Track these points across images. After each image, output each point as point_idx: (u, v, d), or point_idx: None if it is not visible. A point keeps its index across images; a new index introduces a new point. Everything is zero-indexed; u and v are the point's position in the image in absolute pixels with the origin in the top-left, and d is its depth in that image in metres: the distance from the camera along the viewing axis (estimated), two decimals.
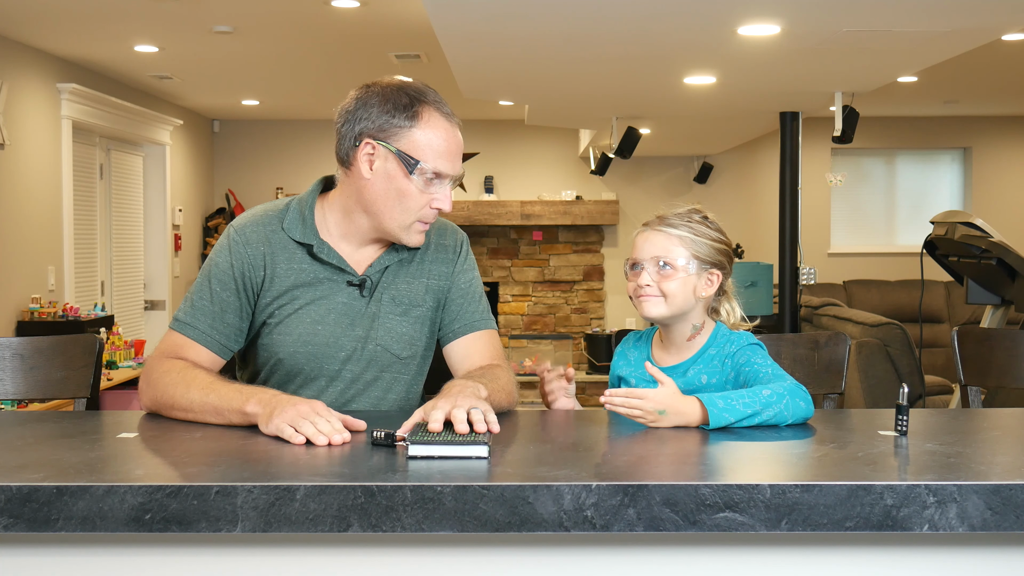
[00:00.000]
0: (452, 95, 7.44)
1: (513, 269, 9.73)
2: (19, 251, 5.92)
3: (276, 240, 1.95)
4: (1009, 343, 2.33)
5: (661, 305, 1.85)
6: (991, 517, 1.24)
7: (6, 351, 2.21)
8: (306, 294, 1.94)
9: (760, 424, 1.63)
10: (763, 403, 1.64)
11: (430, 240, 2.03)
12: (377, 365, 1.97)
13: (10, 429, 1.69)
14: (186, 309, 1.94)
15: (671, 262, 1.85)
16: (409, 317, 1.98)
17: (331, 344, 1.94)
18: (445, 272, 2.03)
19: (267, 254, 1.94)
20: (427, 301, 2.00)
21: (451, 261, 2.04)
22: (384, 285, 1.97)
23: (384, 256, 1.97)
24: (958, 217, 4.72)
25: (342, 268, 1.95)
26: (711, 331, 1.90)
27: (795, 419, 1.66)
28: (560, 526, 1.24)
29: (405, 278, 1.99)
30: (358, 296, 1.95)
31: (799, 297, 5.80)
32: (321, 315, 1.93)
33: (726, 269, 1.90)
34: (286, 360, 1.94)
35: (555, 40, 4.20)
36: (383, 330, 1.96)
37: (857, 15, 3.71)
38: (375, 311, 1.96)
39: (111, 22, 5.49)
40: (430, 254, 2.03)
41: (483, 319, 2.05)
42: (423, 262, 2.02)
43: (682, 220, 1.87)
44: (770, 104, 5.93)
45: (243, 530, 1.24)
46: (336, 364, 1.95)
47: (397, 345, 1.97)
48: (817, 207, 9.30)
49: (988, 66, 6.71)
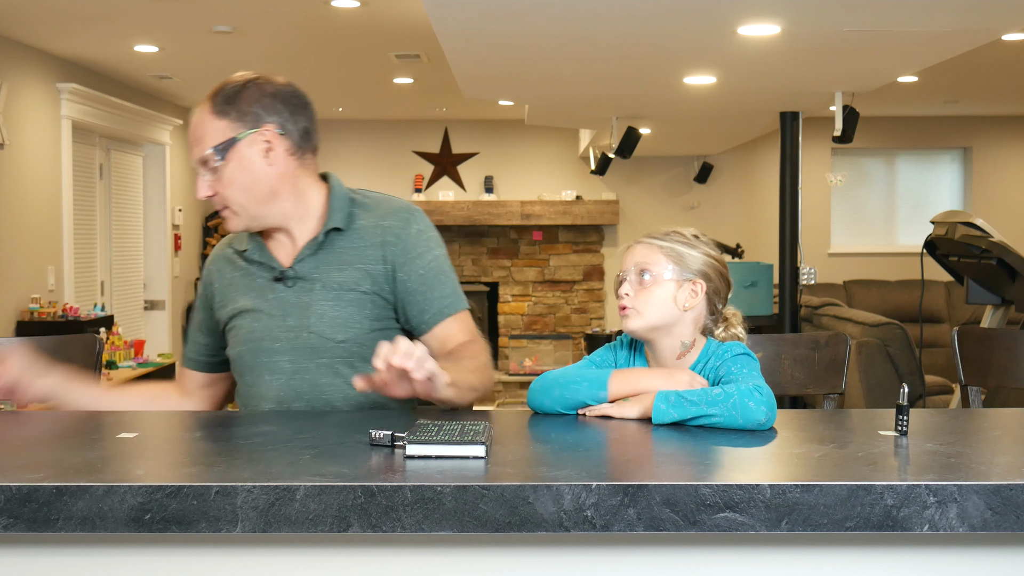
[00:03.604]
0: (452, 95, 7.45)
1: (513, 269, 9.73)
2: (19, 251, 5.92)
3: (223, 255, 2.10)
4: (1009, 343, 2.33)
5: (639, 318, 1.80)
6: (991, 517, 1.24)
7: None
8: (244, 298, 2.03)
9: (710, 426, 1.61)
10: (709, 404, 1.61)
11: (369, 222, 2.02)
12: (315, 352, 1.98)
13: (10, 429, 1.69)
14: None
15: (651, 271, 1.80)
16: (342, 301, 1.97)
17: (266, 338, 1.99)
18: (384, 256, 1.99)
19: (218, 270, 2.09)
20: (363, 284, 1.98)
21: (392, 245, 1.99)
22: (315, 274, 1.99)
23: (305, 247, 2.00)
24: (958, 217, 4.72)
25: (270, 264, 2.01)
26: (702, 348, 1.83)
27: (746, 422, 1.60)
28: (560, 526, 1.24)
29: (337, 264, 1.99)
30: (287, 289, 2.00)
31: (799, 297, 5.80)
32: (257, 312, 2.01)
33: (712, 282, 1.82)
34: (237, 360, 2.04)
35: (555, 40, 4.20)
36: (315, 316, 1.97)
37: (857, 15, 3.71)
38: (307, 300, 1.98)
39: (111, 22, 5.49)
40: (368, 237, 2.00)
41: (451, 303, 2.02)
42: (359, 247, 2.00)
43: (669, 235, 1.84)
44: (770, 104, 5.93)
45: (243, 530, 1.24)
46: (273, 356, 1.99)
47: (331, 329, 1.96)
48: (817, 207, 9.30)
49: (988, 66, 6.71)
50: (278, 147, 1.95)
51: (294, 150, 1.97)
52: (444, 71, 6.27)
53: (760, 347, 2.17)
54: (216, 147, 1.92)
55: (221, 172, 1.93)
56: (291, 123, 1.97)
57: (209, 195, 1.96)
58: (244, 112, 1.93)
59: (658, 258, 1.81)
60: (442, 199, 9.52)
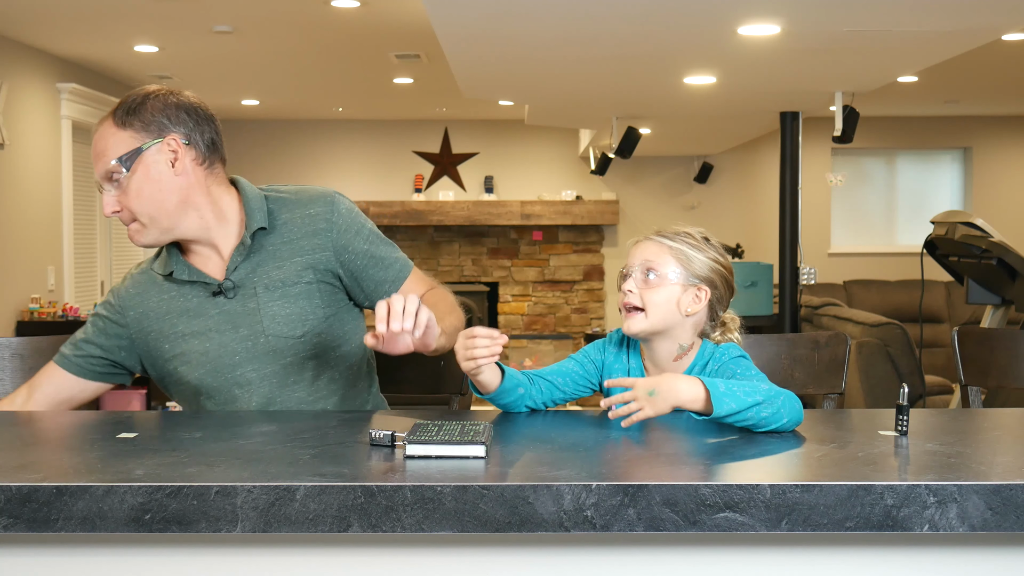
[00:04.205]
0: (452, 95, 7.45)
1: (513, 269, 9.73)
2: (19, 251, 5.92)
3: (146, 281, 2.02)
4: (1009, 343, 2.33)
5: (642, 320, 1.77)
6: (991, 517, 1.24)
7: (6, 351, 2.21)
8: (184, 322, 1.97)
9: (757, 424, 1.58)
10: (764, 395, 1.57)
11: (293, 214, 2.01)
12: (276, 354, 1.96)
13: (10, 429, 1.69)
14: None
15: (657, 271, 1.77)
16: (289, 297, 1.96)
17: (224, 354, 1.95)
18: (321, 244, 1.98)
19: (139, 296, 2.01)
20: (305, 276, 1.97)
21: (326, 231, 1.99)
22: (253, 278, 1.97)
23: (234, 255, 1.97)
24: (958, 217, 4.72)
25: (203, 281, 1.97)
26: (698, 350, 1.81)
27: (790, 420, 1.59)
28: (560, 526, 1.24)
29: (274, 263, 1.97)
30: (229, 300, 1.96)
31: (799, 297, 5.80)
32: (206, 333, 1.96)
33: (717, 289, 1.80)
34: (198, 386, 1.98)
35: (555, 40, 4.20)
36: (267, 319, 1.95)
37: (857, 15, 3.71)
38: (254, 306, 1.96)
39: (111, 22, 5.49)
40: (297, 229, 1.99)
41: (402, 268, 2.05)
42: (291, 240, 1.99)
43: (679, 235, 1.80)
44: (770, 104, 5.93)
45: (243, 530, 1.24)
46: (235, 370, 1.96)
47: (287, 327, 1.95)
48: (817, 207, 9.30)
49: (988, 66, 6.71)
50: (184, 157, 1.92)
51: (201, 160, 1.94)
52: (444, 71, 6.27)
53: (760, 347, 2.18)
54: (120, 158, 1.88)
55: (127, 185, 1.89)
56: (196, 133, 1.94)
57: (116, 211, 1.91)
58: (148, 122, 1.91)
59: (666, 259, 1.78)
60: (442, 199, 9.52)
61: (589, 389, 1.89)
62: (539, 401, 1.83)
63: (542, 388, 1.84)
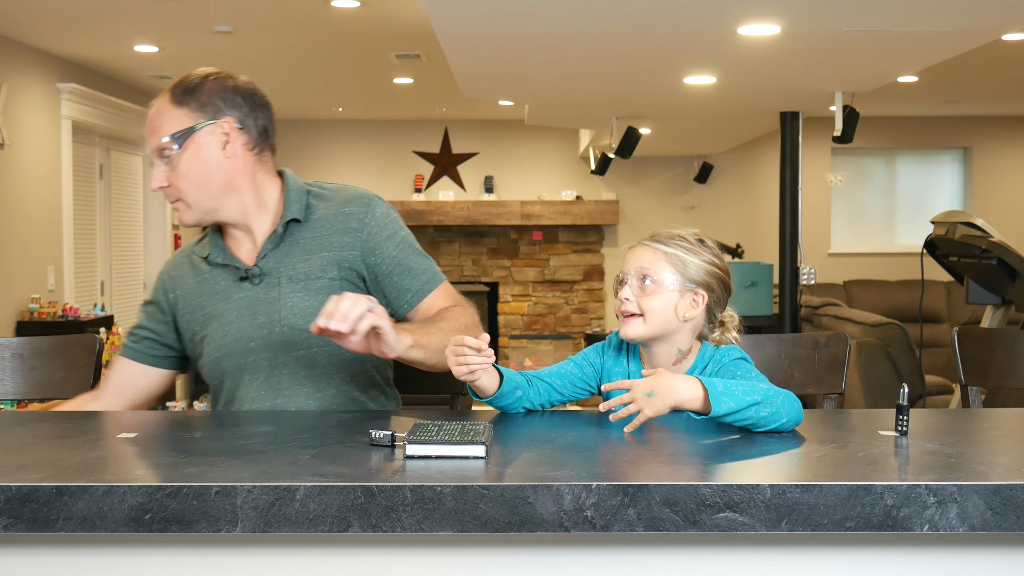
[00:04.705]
0: (452, 95, 7.45)
1: (513, 269, 9.73)
2: (19, 251, 5.92)
3: (186, 262, 2.07)
4: (1009, 343, 2.33)
5: (640, 325, 1.76)
6: (991, 517, 1.24)
7: (6, 351, 2.21)
8: (211, 303, 2.00)
9: (756, 424, 1.58)
10: (763, 395, 1.57)
11: (329, 210, 2.01)
12: (291, 346, 1.96)
13: (10, 429, 1.69)
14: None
15: (653, 277, 1.76)
16: (311, 290, 1.96)
17: (239, 339, 1.97)
18: (350, 243, 1.99)
19: (179, 278, 2.05)
20: (329, 272, 1.97)
21: (357, 231, 1.99)
22: (280, 268, 1.98)
23: (266, 243, 1.98)
24: (958, 217, 4.72)
25: (234, 265, 1.99)
26: (697, 353, 1.81)
27: (790, 420, 1.59)
28: (560, 526, 1.24)
29: (302, 256, 1.98)
30: (254, 287, 1.98)
31: (799, 297, 5.80)
32: (227, 315, 1.98)
33: (714, 292, 1.79)
34: (213, 367, 2.00)
35: (555, 40, 4.20)
36: (286, 310, 1.96)
37: (857, 15, 3.71)
38: (276, 295, 1.97)
39: (111, 22, 5.49)
40: (330, 225, 2.00)
41: (429, 280, 2.03)
42: (322, 236, 1.99)
43: (673, 238, 1.79)
44: (770, 104, 5.93)
45: (243, 530, 1.24)
46: (248, 356, 1.97)
47: (303, 320, 1.95)
48: (817, 207, 9.30)
49: (988, 66, 6.71)
50: (236, 141, 1.94)
51: (252, 145, 1.96)
52: (444, 71, 6.27)
53: (760, 347, 2.18)
54: (173, 135, 1.90)
55: (177, 162, 1.91)
56: (250, 119, 1.96)
57: (163, 186, 1.93)
58: (204, 103, 1.93)
59: (661, 264, 1.77)
60: (442, 199, 9.52)
61: (587, 392, 1.89)
62: (537, 402, 1.84)
63: (540, 390, 1.84)
